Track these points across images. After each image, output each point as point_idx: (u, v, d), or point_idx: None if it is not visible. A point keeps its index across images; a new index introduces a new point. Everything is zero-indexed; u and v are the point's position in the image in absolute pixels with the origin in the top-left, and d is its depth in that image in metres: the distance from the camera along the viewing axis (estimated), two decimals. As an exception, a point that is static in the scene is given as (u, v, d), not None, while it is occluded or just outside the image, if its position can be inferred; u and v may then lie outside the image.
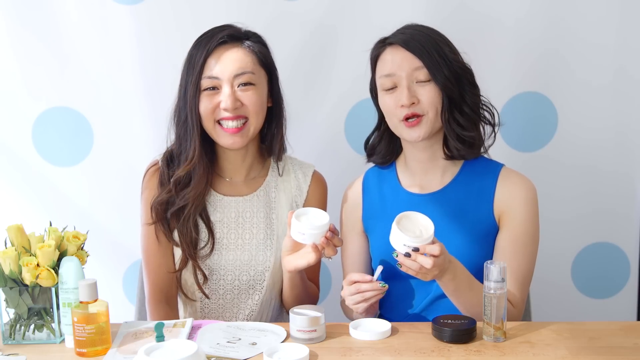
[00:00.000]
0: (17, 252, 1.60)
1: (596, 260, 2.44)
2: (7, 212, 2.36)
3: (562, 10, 2.30)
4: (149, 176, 1.88)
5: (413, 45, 1.70)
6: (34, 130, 2.37)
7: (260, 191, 1.90)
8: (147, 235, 1.86)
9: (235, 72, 1.78)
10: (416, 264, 1.53)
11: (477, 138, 1.76)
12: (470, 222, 1.74)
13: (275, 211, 1.90)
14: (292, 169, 1.94)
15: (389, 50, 1.74)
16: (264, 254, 1.86)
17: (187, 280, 1.87)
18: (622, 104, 2.35)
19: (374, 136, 1.87)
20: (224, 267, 1.85)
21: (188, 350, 1.43)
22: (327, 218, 1.65)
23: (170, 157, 1.86)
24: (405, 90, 1.69)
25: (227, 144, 1.80)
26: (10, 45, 2.32)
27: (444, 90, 1.69)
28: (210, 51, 1.77)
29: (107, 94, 2.34)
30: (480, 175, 1.77)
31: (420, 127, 1.71)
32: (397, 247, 1.55)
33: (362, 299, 1.62)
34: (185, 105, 1.79)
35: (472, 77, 1.76)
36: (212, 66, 1.77)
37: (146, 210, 1.86)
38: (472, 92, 1.74)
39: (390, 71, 1.72)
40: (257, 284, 1.87)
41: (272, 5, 2.30)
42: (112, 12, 2.29)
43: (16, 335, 1.63)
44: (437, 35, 1.74)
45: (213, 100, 1.78)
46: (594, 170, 2.38)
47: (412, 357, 1.49)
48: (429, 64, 1.69)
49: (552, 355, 1.48)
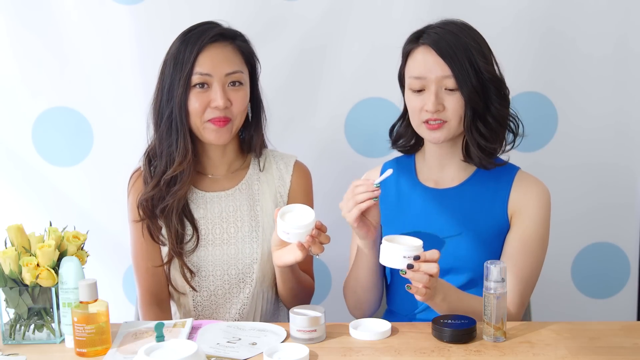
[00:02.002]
0: (17, 252, 1.61)
1: (596, 260, 2.44)
2: (7, 212, 2.36)
3: (562, 5, 2.29)
4: (134, 180, 1.90)
5: (445, 50, 1.67)
6: (34, 130, 2.37)
7: (242, 185, 1.90)
8: (135, 236, 1.88)
9: (227, 71, 1.79)
10: (425, 276, 1.52)
11: (498, 149, 1.76)
12: (483, 221, 1.74)
13: (259, 203, 1.90)
14: (274, 160, 1.94)
15: (421, 49, 1.72)
16: (250, 246, 1.87)
17: (177, 280, 1.88)
18: (623, 103, 2.35)
19: (399, 124, 1.87)
20: (212, 263, 1.86)
21: (188, 350, 1.43)
22: (312, 216, 1.62)
23: (151, 156, 1.86)
24: (432, 97, 1.69)
25: (213, 139, 1.80)
26: (10, 45, 2.32)
27: (469, 102, 1.68)
28: (202, 47, 1.77)
29: (107, 94, 2.34)
30: (496, 176, 1.78)
31: (442, 131, 1.71)
32: (396, 264, 1.53)
33: (353, 203, 1.61)
34: (170, 102, 1.78)
35: (503, 88, 1.74)
36: (204, 63, 1.77)
37: (132, 209, 1.87)
38: (500, 103, 1.72)
39: (420, 74, 1.71)
40: (247, 277, 1.87)
41: (272, 5, 2.30)
42: (112, 12, 2.29)
43: (16, 335, 1.63)
44: (472, 40, 1.71)
45: (203, 98, 1.78)
46: (594, 170, 2.38)
47: (412, 357, 1.49)
48: (458, 74, 1.67)
49: (552, 355, 1.48)
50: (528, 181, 1.77)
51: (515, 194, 1.75)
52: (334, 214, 2.17)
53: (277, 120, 2.30)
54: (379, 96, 2.35)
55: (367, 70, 2.33)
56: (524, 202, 1.74)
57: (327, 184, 2.34)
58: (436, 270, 1.52)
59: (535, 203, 1.74)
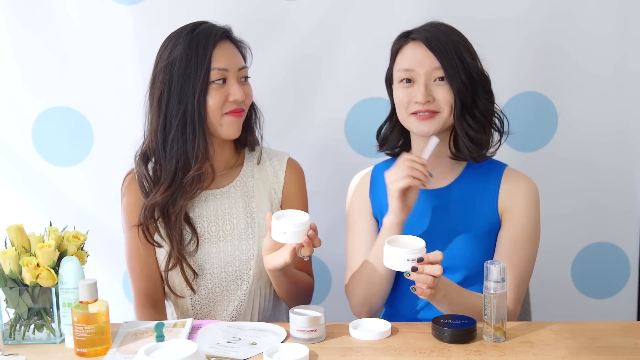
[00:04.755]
0: (17, 252, 1.61)
1: (596, 260, 2.44)
2: (7, 212, 2.36)
3: (562, 6, 2.29)
4: (128, 183, 1.90)
5: (435, 44, 1.72)
6: (34, 130, 2.37)
7: (237, 182, 1.91)
8: (130, 240, 1.88)
9: (240, 65, 1.84)
10: (429, 278, 1.52)
11: (486, 142, 1.77)
12: (474, 220, 1.75)
13: (254, 200, 1.90)
14: (267, 157, 1.95)
15: (410, 45, 1.76)
16: (246, 243, 1.87)
17: (174, 280, 1.88)
18: (622, 102, 2.35)
19: (385, 126, 1.89)
20: (209, 261, 1.86)
21: (188, 350, 1.43)
22: (308, 216, 1.64)
23: (146, 157, 1.86)
24: (422, 88, 1.72)
25: (230, 132, 1.83)
26: (11, 45, 2.32)
27: (457, 94, 1.71)
28: (215, 44, 1.79)
29: (107, 94, 2.34)
30: (484, 174, 1.79)
31: (432, 122, 1.73)
32: (400, 266, 1.54)
33: (406, 174, 1.64)
34: (182, 102, 1.78)
35: (488, 85, 1.77)
36: (220, 58, 1.79)
37: (128, 214, 1.88)
38: (486, 98, 1.76)
39: (409, 66, 1.74)
40: (244, 274, 1.87)
41: (272, 5, 2.30)
42: (112, 12, 2.29)
43: (16, 335, 1.63)
44: (459, 38, 1.76)
45: (221, 92, 1.80)
46: (593, 170, 2.38)
47: (412, 357, 1.49)
48: (447, 67, 1.71)
49: (552, 355, 1.48)
50: (516, 177, 1.78)
51: (505, 191, 1.76)
52: (333, 214, 2.18)
53: (277, 120, 2.31)
54: (379, 96, 2.34)
55: (367, 70, 2.32)
56: (514, 199, 1.75)
57: (327, 184, 2.35)
58: (440, 272, 1.52)
59: (525, 199, 1.75)
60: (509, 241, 1.73)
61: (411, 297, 1.77)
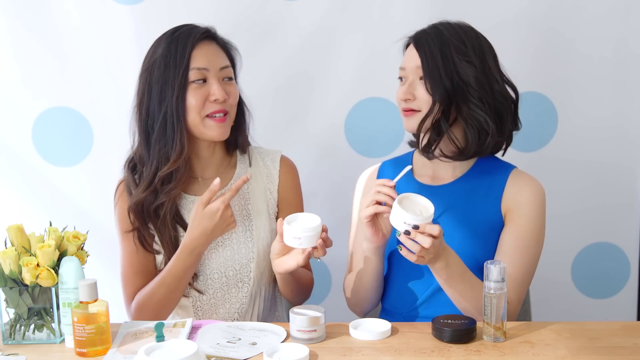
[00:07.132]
0: (17, 252, 1.61)
1: (596, 260, 2.44)
2: (7, 212, 2.36)
3: (562, 6, 2.29)
4: (120, 191, 1.89)
5: (420, 43, 1.73)
6: (34, 130, 2.37)
7: (231, 185, 1.89)
8: (126, 248, 1.87)
9: (221, 65, 1.81)
10: (417, 246, 1.53)
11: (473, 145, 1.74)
12: (476, 217, 1.75)
13: (250, 202, 1.90)
14: (260, 157, 1.95)
15: (410, 44, 1.79)
16: (245, 246, 1.87)
17: None
18: (622, 103, 2.35)
19: None
20: (209, 267, 1.86)
21: (188, 350, 1.43)
22: (319, 219, 1.64)
23: (133, 164, 1.86)
24: (405, 86, 1.76)
25: (216, 134, 1.80)
26: (10, 45, 2.32)
27: (434, 95, 1.70)
28: (195, 44, 1.78)
29: (107, 94, 2.34)
30: (491, 173, 1.79)
31: (413, 120, 1.75)
32: (397, 226, 1.56)
33: (372, 200, 1.64)
34: (163, 103, 1.77)
35: (483, 93, 1.71)
36: (199, 58, 1.78)
37: (121, 221, 1.87)
38: (475, 104, 1.71)
39: (402, 64, 1.79)
40: (245, 277, 1.87)
41: (272, 6, 2.30)
42: (112, 12, 2.30)
43: (16, 335, 1.63)
44: (457, 39, 1.72)
45: (201, 92, 1.78)
46: (594, 170, 2.39)
47: (412, 357, 1.49)
48: (426, 66, 1.71)
49: (552, 355, 1.48)
50: (523, 179, 1.78)
51: (510, 191, 1.76)
52: (334, 214, 2.17)
53: (277, 121, 2.31)
54: (379, 96, 2.35)
55: (367, 70, 2.33)
56: (519, 200, 1.74)
57: (327, 184, 2.35)
58: (428, 244, 1.52)
59: (530, 200, 1.74)
60: (512, 242, 1.73)
61: (410, 295, 1.78)
